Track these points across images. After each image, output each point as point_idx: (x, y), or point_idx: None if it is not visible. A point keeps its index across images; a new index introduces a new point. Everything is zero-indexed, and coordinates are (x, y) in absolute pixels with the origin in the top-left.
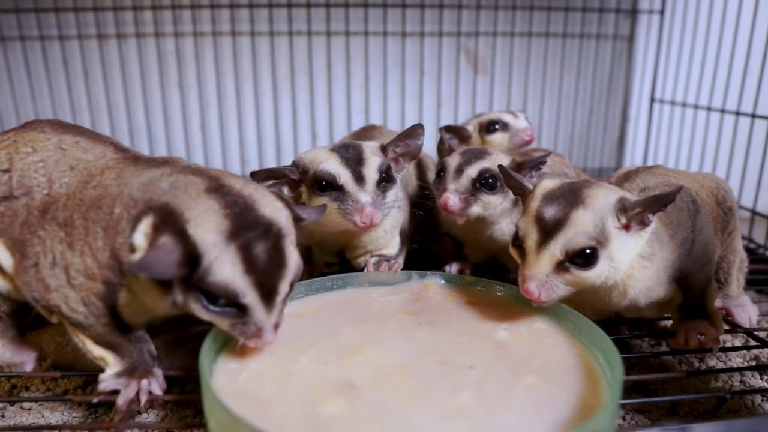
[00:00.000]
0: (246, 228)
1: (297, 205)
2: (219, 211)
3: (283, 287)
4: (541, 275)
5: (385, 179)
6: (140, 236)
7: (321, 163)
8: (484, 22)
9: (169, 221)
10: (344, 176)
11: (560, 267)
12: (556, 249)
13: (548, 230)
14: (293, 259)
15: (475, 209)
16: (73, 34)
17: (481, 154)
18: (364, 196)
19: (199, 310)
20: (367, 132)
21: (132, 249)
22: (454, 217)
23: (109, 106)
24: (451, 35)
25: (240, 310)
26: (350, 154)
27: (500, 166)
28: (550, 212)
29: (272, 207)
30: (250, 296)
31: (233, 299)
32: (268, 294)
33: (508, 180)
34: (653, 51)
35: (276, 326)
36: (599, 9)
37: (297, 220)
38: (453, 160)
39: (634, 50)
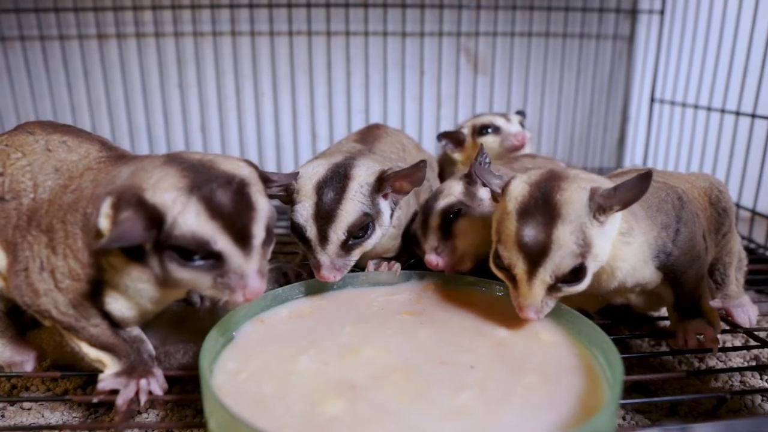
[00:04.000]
0: (206, 181)
1: (270, 172)
2: (176, 174)
3: (257, 231)
4: (537, 303)
5: (359, 235)
6: (103, 219)
7: (296, 205)
8: (484, 22)
9: (126, 197)
10: (310, 232)
11: (552, 288)
12: (546, 276)
13: (534, 257)
14: (262, 204)
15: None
16: (73, 34)
17: (436, 196)
18: (324, 258)
19: (177, 270)
20: (372, 132)
21: (99, 235)
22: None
23: (109, 106)
24: (451, 35)
25: (217, 260)
26: (326, 200)
27: (474, 169)
28: (531, 235)
29: (234, 165)
30: (221, 241)
31: (205, 247)
32: (241, 237)
33: (480, 176)
34: (653, 51)
35: (260, 273)
36: (599, 9)
37: (266, 181)
38: (420, 216)
39: (634, 50)
